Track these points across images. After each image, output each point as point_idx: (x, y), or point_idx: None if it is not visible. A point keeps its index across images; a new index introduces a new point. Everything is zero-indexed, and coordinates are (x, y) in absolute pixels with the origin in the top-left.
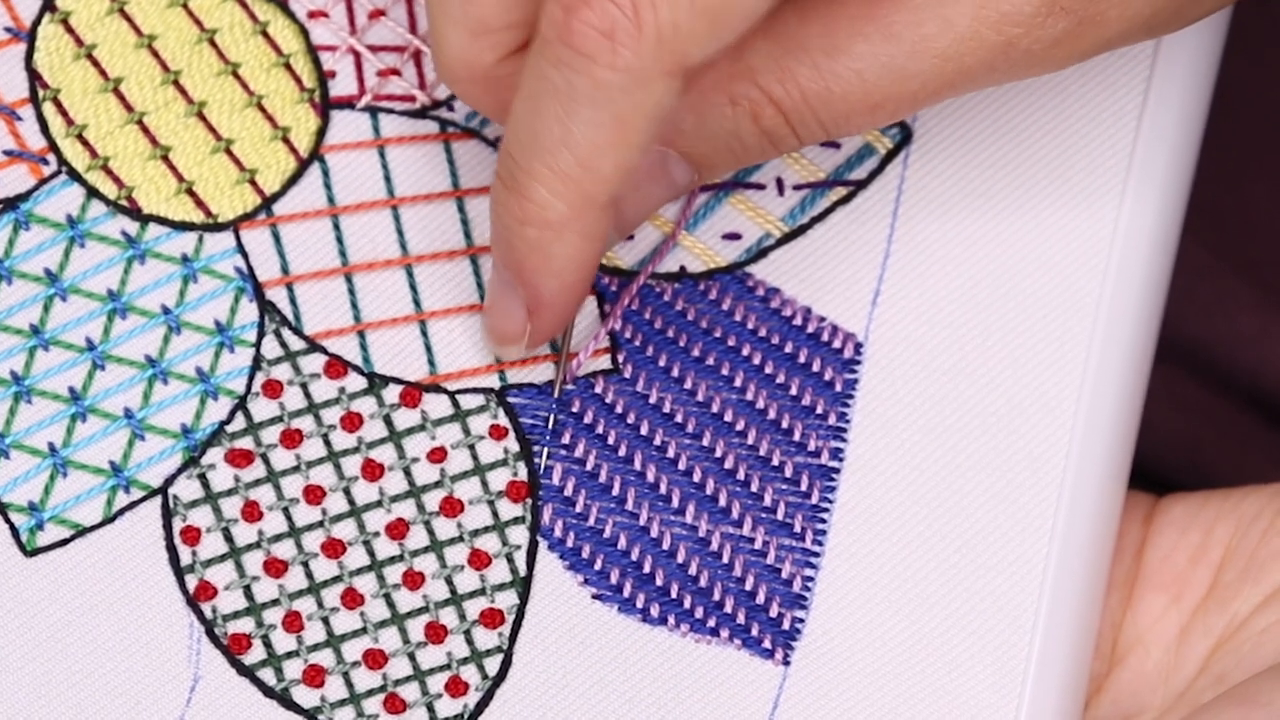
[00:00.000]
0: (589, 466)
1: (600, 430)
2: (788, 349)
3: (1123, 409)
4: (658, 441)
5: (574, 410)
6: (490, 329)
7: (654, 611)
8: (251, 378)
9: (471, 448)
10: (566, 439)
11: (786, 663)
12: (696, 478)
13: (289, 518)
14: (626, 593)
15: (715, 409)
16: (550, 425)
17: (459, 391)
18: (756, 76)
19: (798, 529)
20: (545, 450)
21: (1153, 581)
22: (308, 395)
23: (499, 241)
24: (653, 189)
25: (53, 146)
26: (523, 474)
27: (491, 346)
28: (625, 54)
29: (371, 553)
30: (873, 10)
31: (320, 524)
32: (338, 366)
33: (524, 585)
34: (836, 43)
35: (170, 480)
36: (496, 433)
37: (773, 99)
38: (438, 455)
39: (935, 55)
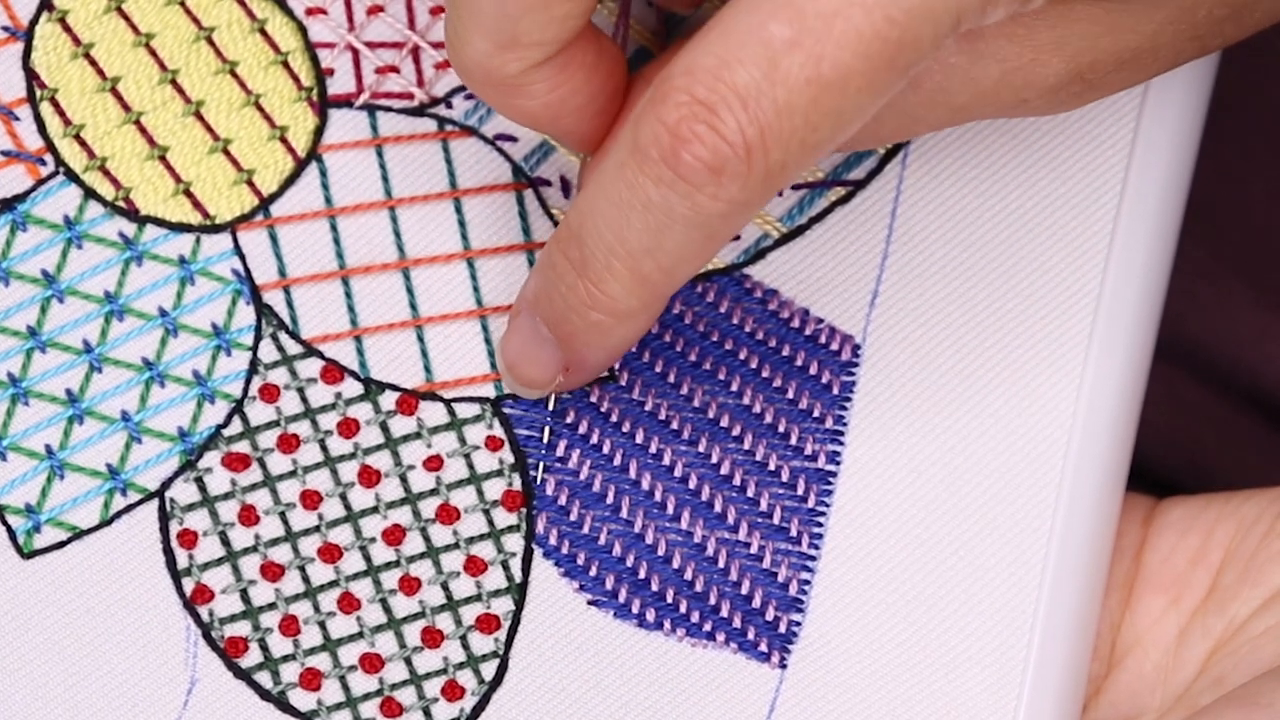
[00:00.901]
0: (584, 476)
1: (595, 440)
2: (785, 352)
3: (1121, 410)
4: (653, 449)
5: (569, 421)
6: (516, 373)
7: (650, 616)
8: (248, 381)
9: (467, 457)
10: (561, 450)
11: (783, 666)
12: (692, 484)
13: (286, 522)
14: (622, 598)
15: (711, 414)
16: (545, 438)
17: (455, 400)
18: None
19: (794, 533)
20: (541, 464)
21: (1152, 583)
22: (304, 400)
23: (552, 311)
24: None
25: (50, 147)
26: (517, 484)
27: (509, 383)
28: (732, 189)
29: (368, 558)
30: None
31: (317, 529)
32: (334, 372)
33: (519, 592)
34: None
35: (167, 483)
36: (492, 444)
37: None
38: (434, 463)
39: (950, 107)
